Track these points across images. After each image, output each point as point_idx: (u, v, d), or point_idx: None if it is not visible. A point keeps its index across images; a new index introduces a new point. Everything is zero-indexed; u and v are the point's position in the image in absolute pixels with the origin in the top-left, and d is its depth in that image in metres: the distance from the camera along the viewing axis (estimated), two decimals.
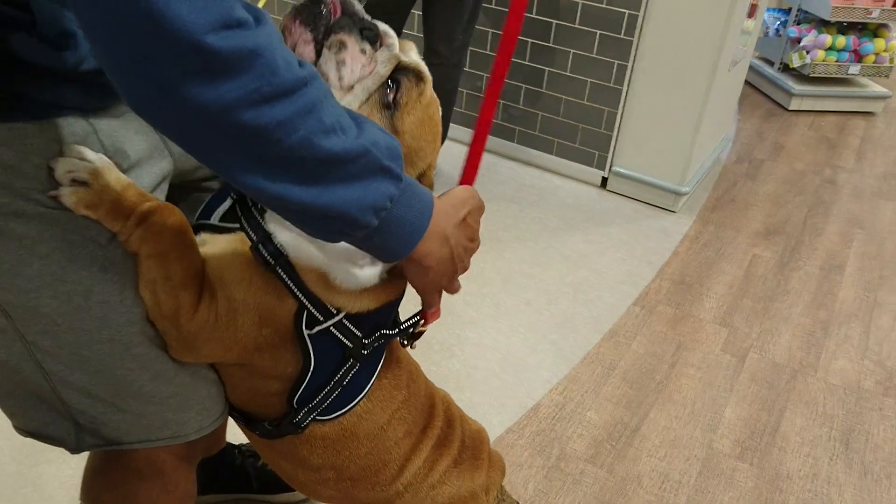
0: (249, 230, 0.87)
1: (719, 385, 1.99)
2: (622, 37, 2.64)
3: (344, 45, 0.79)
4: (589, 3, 2.65)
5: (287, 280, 0.86)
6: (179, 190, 0.98)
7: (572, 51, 2.76)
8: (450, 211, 0.86)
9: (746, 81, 3.94)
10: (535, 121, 2.97)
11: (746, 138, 3.60)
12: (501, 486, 1.22)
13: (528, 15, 2.77)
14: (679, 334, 2.17)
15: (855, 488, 1.73)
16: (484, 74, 2.97)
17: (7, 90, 0.70)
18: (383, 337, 0.96)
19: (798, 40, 3.94)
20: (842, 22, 3.84)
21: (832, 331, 2.27)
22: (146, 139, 0.86)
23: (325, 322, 0.89)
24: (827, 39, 3.81)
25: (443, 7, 2.40)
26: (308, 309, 0.88)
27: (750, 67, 4.06)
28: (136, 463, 0.96)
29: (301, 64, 0.63)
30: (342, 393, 0.96)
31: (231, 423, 1.07)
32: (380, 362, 1.01)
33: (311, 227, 0.72)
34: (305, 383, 0.93)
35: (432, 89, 0.90)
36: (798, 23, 3.99)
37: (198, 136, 0.61)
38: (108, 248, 0.79)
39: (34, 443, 0.90)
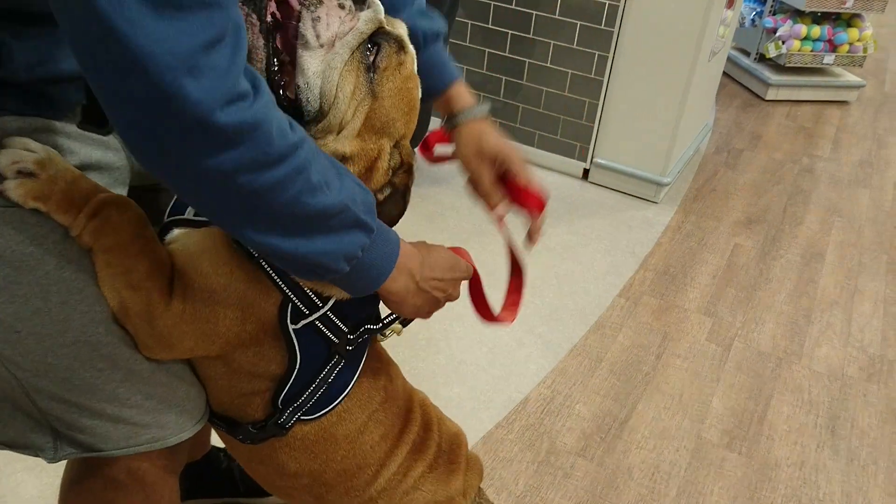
0: None
1: (706, 375, 2.00)
2: (602, 27, 2.63)
3: (320, 1, 0.78)
4: None
5: (270, 270, 0.85)
6: (142, 190, 0.95)
7: (553, 42, 2.75)
8: (416, 254, 0.89)
9: (723, 72, 3.96)
10: (516, 113, 2.95)
11: (725, 128, 3.61)
12: (479, 489, 1.22)
13: (508, 6, 2.75)
14: (664, 325, 2.17)
15: (842, 474, 1.74)
16: (464, 67, 2.94)
17: None
18: (367, 332, 0.96)
19: (774, 30, 3.96)
20: (816, 12, 3.88)
21: (815, 318, 2.28)
22: (95, 150, 0.84)
23: (311, 315, 0.88)
24: (802, 29, 3.84)
25: None
26: (293, 301, 0.86)
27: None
28: (116, 473, 0.92)
29: (292, 127, 0.69)
30: (327, 390, 0.96)
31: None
32: (363, 359, 1.01)
33: (288, 268, 0.80)
34: (291, 381, 0.92)
35: (415, 68, 0.88)
36: (774, 13, 4.02)
37: (196, 193, 0.67)
38: (64, 245, 0.76)
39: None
